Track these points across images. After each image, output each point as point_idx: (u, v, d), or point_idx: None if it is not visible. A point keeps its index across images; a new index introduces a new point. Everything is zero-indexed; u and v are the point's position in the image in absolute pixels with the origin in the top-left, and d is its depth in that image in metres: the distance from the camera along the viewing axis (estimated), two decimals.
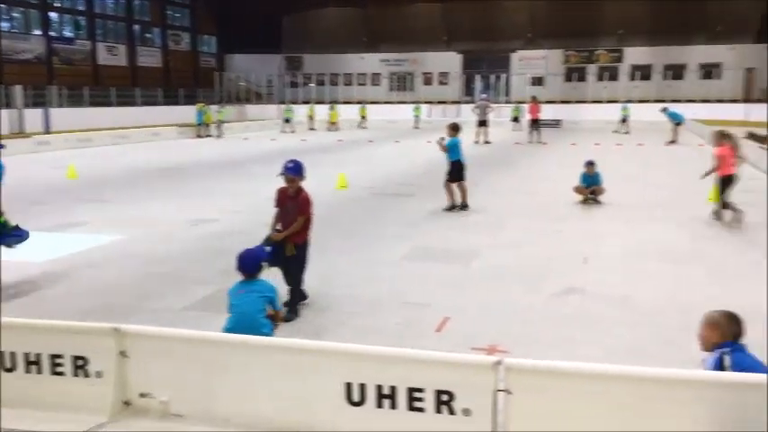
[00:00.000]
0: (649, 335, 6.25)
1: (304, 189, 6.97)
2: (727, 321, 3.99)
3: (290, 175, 6.86)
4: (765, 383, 3.53)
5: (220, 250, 9.39)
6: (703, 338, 4.08)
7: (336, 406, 4.02)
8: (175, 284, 7.97)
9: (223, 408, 4.29)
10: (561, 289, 7.67)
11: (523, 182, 16.84)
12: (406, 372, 3.92)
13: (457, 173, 12.64)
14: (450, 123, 13.10)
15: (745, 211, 11.29)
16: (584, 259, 9.02)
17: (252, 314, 4.99)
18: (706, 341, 4.06)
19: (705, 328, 4.08)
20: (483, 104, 30.07)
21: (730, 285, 7.77)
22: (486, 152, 24.69)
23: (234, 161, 22.42)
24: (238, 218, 12.08)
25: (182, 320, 6.56)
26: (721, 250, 9.55)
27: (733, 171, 11.66)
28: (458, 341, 6.12)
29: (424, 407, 3.85)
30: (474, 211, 12.56)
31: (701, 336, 4.10)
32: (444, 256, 9.32)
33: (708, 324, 4.05)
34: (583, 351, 5.85)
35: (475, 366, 3.87)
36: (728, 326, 3.98)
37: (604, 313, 6.86)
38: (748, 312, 5.11)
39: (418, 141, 29.14)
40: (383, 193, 15.05)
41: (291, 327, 6.40)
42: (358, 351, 4.20)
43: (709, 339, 4.04)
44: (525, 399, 3.71)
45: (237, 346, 4.33)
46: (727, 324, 3.98)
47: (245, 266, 5.26)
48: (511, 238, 10.46)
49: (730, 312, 4.05)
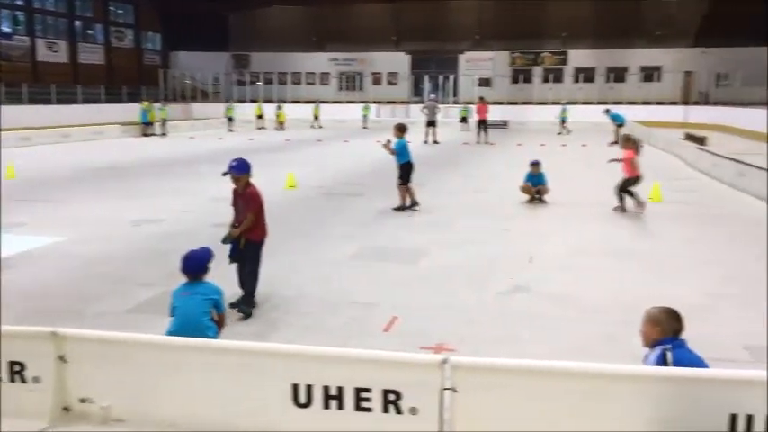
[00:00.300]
0: (593, 331, 6.39)
1: (253, 186, 6.93)
2: (667, 318, 4.10)
3: (234, 173, 6.83)
4: (707, 377, 3.65)
5: (165, 251, 9.23)
6: (644, 335, 4.18)
7: (283, 408, 3.98)
8: (118, 286, 7.79)
9: (166, 412, 4.21)
10: (508, 287, 7.78)
11: (471, 181, 17.01)
12: (353, 372, 3.91)
13: (408, 174, 12.65)
14: (397, 124, 12.99)
15: (647, 203, 12.60)
16: (530, 258, 9.16)
17: (196, 317, 4.90)
18: (647, 337, 4.16)
19: (646, 324, 4.17)
20: (431, 105, 30.26)
21: (670, 281, 8.00)
22: (435, 152, 24.86)
23: (179, 160, 22.04)
24: (184, 218, 11.88)
25: (124, 323, 6.42)
26: (661, 247, 9.83)
27: (638, 174, 12.55)
28: (406, 340, 6.14)
29: (371, 407, 3.85)
30: (422, 210, 12.63)
31: (643, 332, 4.20)
32: (393, 256, 9.35)
33: (649, 320, 4.15)
34: (528, 348, 5.94)
35: (421, 365, 3.89)
36: (669, 322, 4.08)
37: (549, 311, 6.98)
38: (687, 308, 5.27)
39: (367, 141, 29.16)
40: (332, 193, 15.01)
41: (237, 329, 6.32)
42: (305, 352, 4.17)
43: (650, 335, 4.13)
44: (471, 397, 3.75)
45: (181, 349, 4.25)
46: (668, 320, 4.08)
47: (189, 268, 5.17)
48: (458, 237, 10.56)
49: (670, 309, 4.16)
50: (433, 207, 13.00)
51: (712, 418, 3.51)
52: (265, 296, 7.18)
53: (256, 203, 6.83)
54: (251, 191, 6.87)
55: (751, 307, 7.06)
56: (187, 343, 4.30)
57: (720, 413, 3.50)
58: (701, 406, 3.54)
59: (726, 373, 3.90)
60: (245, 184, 6.86)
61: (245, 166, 6.88)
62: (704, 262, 8.98)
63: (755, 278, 8.14)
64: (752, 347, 5.94)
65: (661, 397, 3.61)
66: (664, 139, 26.37)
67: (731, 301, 7.30)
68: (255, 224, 6.83)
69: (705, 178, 17.43)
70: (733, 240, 10.31)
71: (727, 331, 6.32)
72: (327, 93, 50.16)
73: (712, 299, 7.34)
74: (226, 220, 11.43)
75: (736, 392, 3.54)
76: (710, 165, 17.85)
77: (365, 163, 20.54)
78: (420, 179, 13.27)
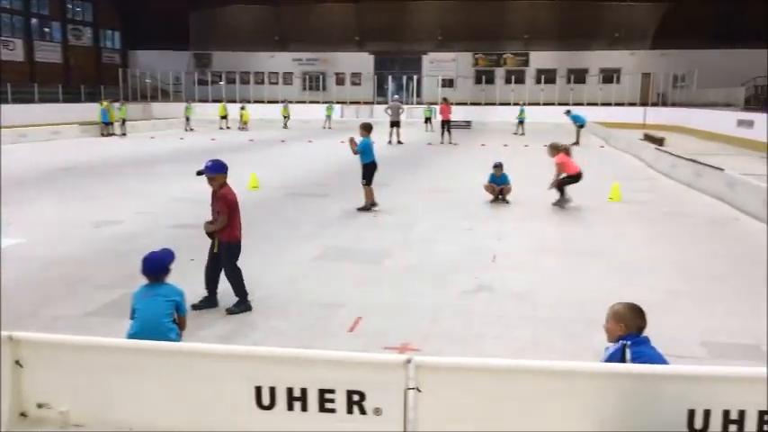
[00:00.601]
0: (555, 329, 6.47)
1: (228, 186, 6.91)
2: (631, 314, 4.15)
3: (209, 173, 6.82)
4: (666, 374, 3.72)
5: (124, 253, 9.08)
6: (609, 331, 4.24)
7: (246, 410, 3.95)
8: (76, 289, 7.63)
9: (126, 416, 4.14)
10: (471, 287, 7.83)
11: (435, 181, 17.07)
12: (316, 373, 3.89)
13: (372, 174, 12.65)
14: (363, 123, 12.99)
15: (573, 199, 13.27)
16: (494, 257, 9.24)
17: (157, 319, 4.83)
18: (611, 334, 4.21)
19: (610, 320, 4.22)
20: (395, 105, 30.30)
21: (630, 279, 8.14)
22: (399, 152, 24.90)
23: (139, 161, 21.69)
24: (144, 219, 11.70)
25: (83, 327, 6.30)
26: (621, 246, 9.98)
27: (578, 170, 13.30)
28: (370, 340, 6.14)
29: (335, 408, 3.84)
30: (386, 210, 12.64)
31: (607, 328, 4.25)
32: (357, 256, 9.34)
33: (613, 317, 4.20)
34: (492, 347, 5.99)
35: (385, 365, 3.88)
36: (632, 318, 4.14)
37: (512, 309, 7.04)
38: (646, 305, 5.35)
39: (331, 141, 29.07)
40: (296, 194, 14.93)
41: (201, 332, 6.25)
42: (268, 354, 4.14)
43: (614, 332, 4.19)
44: (435, 396, 3.76)
45: (141, 353, 4.18)
46: (632, 317, 4.14)
47: (149, 269, 5.08)
48: (422, 236, 10.59)
49: (634, 305, 4.21)
50: (397, 207, 13.01)
51: (671, 414, 3.57)
52: (231, 298, 7.10)
53: (225, 204, 6.77)
54: (223, 191, 6.83)
55: (708, 304, 7.22)
56: (147, 346, 4.23)
57: (679, 409, 3.56)
58: (660, 402, 3.60)
59: (684, 370, 3.98)
60: (220, 184, 6.83)
61: (218, 167, 6.84)
62: (663, 260, 9.15)
63: (713, 276, 8.34)
64: (708, 344, 6.07)
65: (622, 393, 3.66)
66: (624, 139, 26.82)
67: (689, 298, 7.45)
68: (227, 225, 6.79)
69: (664, 178, 17.77)
70: (691, 239, 10.53)
71: (684, 328, 6.45)
72: (291, 93, 49.87)
73: (671, 296, 7.49)
74: (186, 221, 11.40)
75: (693, 388, 3.61)
76: (669, 165, 18.21)
77: (329, 163, 20.47)
78: (384, 179, 13.28)
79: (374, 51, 52.62)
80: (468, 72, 50.57)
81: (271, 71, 52.13)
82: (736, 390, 3.61)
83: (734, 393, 3.58)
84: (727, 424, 3.55)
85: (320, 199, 14.19)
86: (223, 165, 6.90)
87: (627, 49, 47.77)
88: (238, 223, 6.95)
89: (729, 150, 26.29)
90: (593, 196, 14.41)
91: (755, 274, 8.41)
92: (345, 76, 51.14)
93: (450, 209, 12.97)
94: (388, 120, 29.77)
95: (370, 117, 38.44)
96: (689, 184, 15.95)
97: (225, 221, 6.77)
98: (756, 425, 3.52)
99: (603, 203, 13.69)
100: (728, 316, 6.83)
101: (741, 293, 7.61)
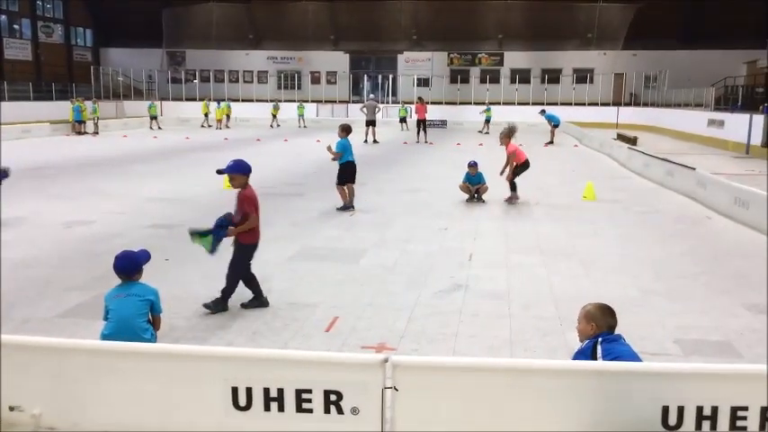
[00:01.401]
0: (530, 327, 6.50)
1: (249, 187, 6.85)
2: (602, 314, 4.20)
3: (228, 172, 6.81)
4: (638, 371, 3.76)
5: (97, 253, 8.96)
6: (581, 331, 4.28)
7: (222, 411, 3.91)
8: (48, 290, 7.51)
9: (100, 418, 4.08)
10: (447, 286, 7.85)
11: (410, 181, 17.09)
12: (293, 373, 3.87)
13: (349, 175, 12.63)
14: (342, 125, 12.98)
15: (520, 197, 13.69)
16: (469, 256, 9.27)
17: (131, 319, 4.76)
18: (583, 334, 4.25)
19: (581, 321, 4.27)
20: (371, 104, 30.31)
21: (603, 278, 8.23)
22: (375, 152, 24.90)
23: (112, 160, 21.43)
24: (116, 219, 11.55)
25: (55, 328, 6.21)
26: (595, 244, 10.08)
27: (526, 157, 13.84)
28: (347, 340, 6.13)
29: (312, 408, 3.82)
30: (362, 210, 12.62)
31: (579, 329, 4.30)
32: (333, 256, 9.31)
33: (584, 317, 4.25)
34: (468, 346, 6.01)
35: (362, 365, 3.87)
36: (603, 318, 4.19)
37: (488, 308, 7.07)
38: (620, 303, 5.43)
39: (307, 140, 29.00)
40: (271, 193, 14.82)
41: (176, 333, 6.18)
42: (244, 354, 4.11)
43: (585, 332, 4.23)
44: (412, 395, 3.76)
45: (115, 354, 4.12)
46: (602, 316, 4.19)
47: (122, 267, 5.00)
48: (398, 236, 10.59)
49: (604, 305, 4.26)
50: (372, 207, 13.01)
51: (646, 411, 3.61)
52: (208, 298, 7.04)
53: (252, 204, 6.73)
54: (245, 193, 6.77)
55: (681, 302, 7.31)
56: (120, 347, 4.17)
57: (654, 406, 3.60)
58: (635, 399, 3.64)
59: (658, 367, 4.03)
60: (241, 184, 6.78)
61: (238, 166, 6.80)
62: (636, 258, 9.26)
63: (685, 274, 8.45)
64: (681, 341, 6.15)
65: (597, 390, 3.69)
66: (597, 139, 27.09)
67: (662, 296, 7.54)
68: (249, 228, 6.75)
69: (637, 177, 17.99)
70: (664, 237, 10.67)
71: (658, 326, 6.53)
72: (266, 91, 49.63)
73: (644, 294, 7.57)
74: (160, 221, 11.29)
75: (667, 385, 3.65)
76: (642, 164, 18.43)
77: (305, 163, 20.40)
78: (360, 179, 13.25)
79: (349, 50, 52.54)
80: (444, 71, 50.72)
81: (245, 69, 51.79)
82: (708, 386, 3.66)
83: (707, 390, 3.63)
84: (700, 420, 3.59)
85: (296, 198, 14.13)
86: (244, 165, 6.84)
87: (599, 50, 48.27)
88: (258, 225, 6.91)
89: (700, 150, 26.70)
90: (567, 195, 14.55)
91: (726, 272, 8.54)
92: (321, 75, 51.02)
93: (426, 208, 12.99)
94: (363, 119, 29.78)
95: (346, 116, 38.44)
96: (661, 183, 16.16)
97: (256, 220, 6.72)
98: (729, 420, 3.57)
99: (578, 202, 13.82)
100: (700, 314, 6.92)
101: (713, 291, 7.73)
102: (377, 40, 51.13)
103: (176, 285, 7.60)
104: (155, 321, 5.00)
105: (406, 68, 51.15)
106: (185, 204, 13.20)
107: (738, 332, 6.38)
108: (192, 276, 8.12)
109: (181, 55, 53.76)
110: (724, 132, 27.99)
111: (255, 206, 6.77)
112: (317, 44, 51.81)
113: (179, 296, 7.21)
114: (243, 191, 6.79)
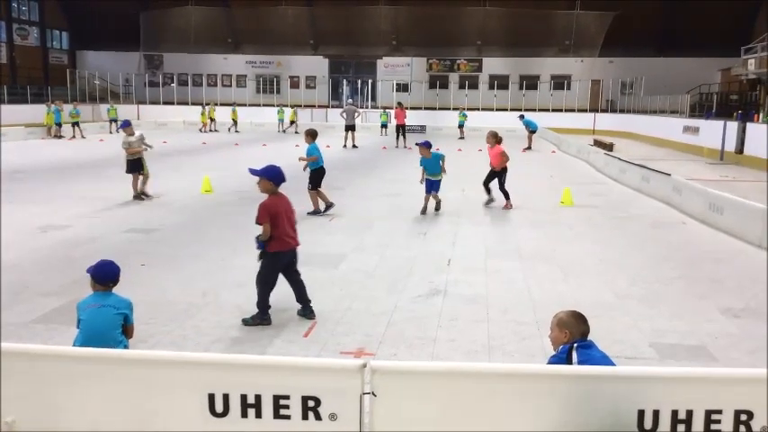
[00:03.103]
0: (507, 332, 6.53)
1: (272, 195, 6.78)
2: (574, 321, 4.22)
3: (255, 174, 6.87)
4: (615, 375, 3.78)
5: (72, 258, 8.86)
6: (554, 339, 4.29)
7: (199, 418, 3.87)
8: (22, 296, 7.40)
9: (76, 426, 4.01)
10: (425, 290, 7.86)
11: (390, 185, 17.10)
12: (271, 379, 3.84)
13: (320, 179, 12.67)
14: (307, 130, 13.08)
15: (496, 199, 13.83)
16: (448, 261, 9.29)
17: (106, 331, 4.65)
18: (557, 342, 4.27)
19: (554, 329, 4.28)
20: (350, 109, 30.31)
21: (580, 282, 8.29)
22: (354, 156, 24.90)
23: (89, 163, 21.20)
24: (93, 224, 11.43)
25: (29, 334, 6.14)
26: (572, 249, 10.16)
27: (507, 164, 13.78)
28: (326, 345, 6.12)
29: (290, 414, 3.80)
30: (340, 214, 12.61)
31: (552, 337, 4.31)
32: (311, 261, 9.26)
33: (556, 325, 4.26)
34: (446, 350, 6.02)
35: (340, 370, 3.85)
36: (576, 325, 4.21)
37: (466, 313, 7.09)
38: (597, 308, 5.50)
39: (286, 144, 28.90)
40: (249, 198, 14.72)
41: (152, 340, 6.12)
42: (221, 360, 4.08)
43: (559, 339, 4.24)
44: (390, 400, 3.75)
45: (90, 361, 4.06)
46: (575, 324, 4.21)
47: (98, 277, 4.89)
48: (377, 240, 10.59)
49: (576, 312, 4.29)
50: (351, 211, 13.00)
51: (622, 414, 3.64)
52: (185, 303, 6.99)
53: (258, 215, 6.65)
54: (263, 201, 6.73)
55: (656, 306, 7.39)
56: (95, 354, 4.11)
57: (630, 409, 3.63)
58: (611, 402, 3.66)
59: (634, 371, 4.05)
60: (267, 190, 6.78)
61: (263, 170, 6.86)
62: (613, 263, 9.34)
63: (661, 279, 8.54)
64: (657, 345, 6.22)
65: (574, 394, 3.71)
66: (574, 145, 27.33)
67: (638, 300, 7.61)
68: (272, 236, 6.64)
69: (614, 183, 18.16)
70: (640, 242, 10.78)
71: (634, 330, 6.59)
72: (244, 95, 49.41)
73: (620, 299, 7.64)
74: (137, 226, 11.19)
75: (643, 389, 3.68)
76: (618, 170, 18.62)
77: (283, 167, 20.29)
78: (339, 183, 13.27)
79: (329, 55, 52.49)
80: (423, 77, 50.86)
81: (224, 73, 51.52)
82: (683, 390, 3.69)
83: (682, 393, 3.66)
84: (675, 423, 3.62)
85: None
86: (273, 170, 6.87)
87: (577, 57, 48.73)
88: (283, 233, 6.70)
89: (676, 156, 27.03)
90: (545, 200, 14.65)
91: (702, 277, 8.65)
92: (300, 80, 50.90)
93: (405, 213, 13.00)
94: (343, 124, 29.75)
95: (325, 121, 38.40)
96: (638, 189, 16.33)
97: (269, 228, 6.58)
98: (703, 424, 3.60)
99: (555, 207, 13.92)
100: (676, 318, 7.00)
101: (688, 295, 7.82)
102: (356, 44, 51.14)
103: (153, 290, 7.54)
104: (128, 330, 4.88)
105: (386, 73, 51.21)
106: (162, 209, 13.10)
107: (713, 336, 6.46)
108: (168, 281, 8.05)
109: (158, 58, 53.33)
110: (699, 139, 28.38)
111: (270, 214, 6.61)
112: (296, 48, 51.66)
113: (155, 301, 7.15)
114: (266, 199, 6.75)
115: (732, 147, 24.96)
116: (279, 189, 6.88)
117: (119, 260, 5.13)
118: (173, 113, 44.17)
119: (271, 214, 6.62)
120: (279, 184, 6.88)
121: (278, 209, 6.70)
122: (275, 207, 6.71)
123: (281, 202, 6.79)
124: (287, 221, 6.74)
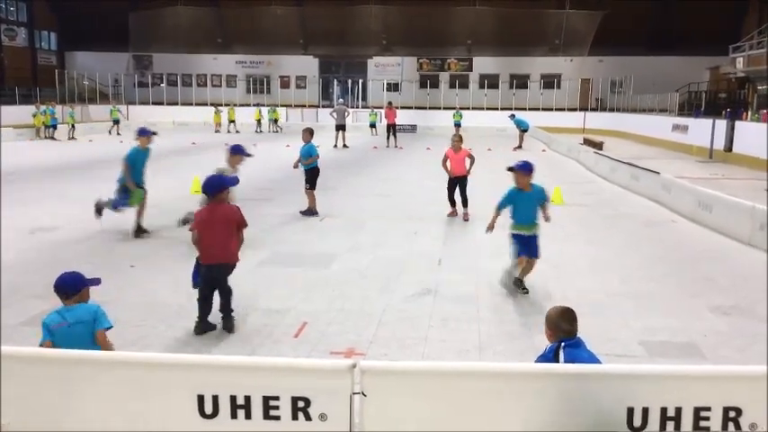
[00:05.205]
0: (498, 332, 6.54)
1: (219, 203, 6.69)
2: (562, 319, 4.25)
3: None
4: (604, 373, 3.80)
5: (61, 260, 8.78)
6: (548, 335, 4.33)
7: (188, 419, 3.86)
8: (11, 298, 7.35)
9: (69, 428, 4.00)
10: (416, 290, 7.86)
11: (380, 185, 17.10)
12: (260, 380, 3.83)
13: (316, 179, 12.63)
14: (307, 128, 13.00)
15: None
16: (439, 260, 9.30)
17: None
18: (550, 339, 4.31)
19: (547, 327, 4.33)
20: (341, 109, 30.27)
21: (571, 281, 8.31)
22: (345, 156, 24.87)
23: (78, 164, 21.09)
24: (81, 226, 11.35)
25: (19, 337, 6.10)
26: (563, 248, 10.16)
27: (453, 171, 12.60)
28: (316, 346, 6.11)
29: (279, 414, 3.79)
30: (332, 214, 12.60)
31: (546, 334, 4.35)
32: (302, 261, 9.27)
33: (548, 323, 4.30)
34: (437, 350, 6.02)
35: (330, 371, 3.85)
36: (566, 322, 4.24)
37: (457, 313, 7.09)
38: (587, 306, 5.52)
39: (276, 144, 28.84)
40: (240, 198, 14.65)
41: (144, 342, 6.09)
42: (210, 362, 4.07)
43: (549, 336, 4.29)
44: (380, 400, 3.75)
45: (80, 363, 4.05)
46: (565, 321, 4.24)
47: (58, 292, 4.68)
48: (368, 240, 10.59)
49: (564, 310, 4.31)
50: (342, 211, 12.99)
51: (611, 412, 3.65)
52: (175, 305, 6.96)
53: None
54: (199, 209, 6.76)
55: (646, 304, 7.42)
56: (88, 356, 4.10)
57: (619, 407, 3.64)
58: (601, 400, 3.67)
59: (623, 368, 4.08)
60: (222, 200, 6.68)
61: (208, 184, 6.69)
62: (603, 262, 9.37)
63: (650, 277, 8.57)
64: (647, 343, 6.24)
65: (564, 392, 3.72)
66: (565, 144, 27.40)
67: (628, 299, 7.64)
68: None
69: (603, 182, 18.21)
70: (630, 241, 10.81)
71: (624, 328, 6.62)
72: (234, 95, 49.25)
73: (610, 297, 7.67)
74: (125, 228, 11.10)
75: (632, 386, 3.70)
76: (608, 169, 18.68)
77: (274, 167, 20.27)
78: (330, 183, 13.25)
79: (319, 55, 52.41)
80: (413, 76, 50.85)
81: (214, 73, 51.35)
82: (672, 387, 3.71)
83: (671, 390, 3.68)
84: (664, 421, 3.64)
85: (265, 203, 14.03)
86: (209, 182, 6.73)
87: (566, 56, 48.86)
88: (207, 244, 6.54)
89: (665, 154, 27.15)
90: None
91: (691, 275, 8.69)
92: (290, 80, 50.80)
93: (396, 212, 13.00)
94: (333, 123, 29.71)
95: (315, 121, 38.32)
96: (627, 187, 16.39)
97: (194, 237, 6.51)
98: (692, 421, 3.62)
99: None
100: (666, 316, 7.03)
101: (677, 294, 7.86)
102: (347, 44, 51.05)
103: (143, 292, 7.50)
104: (98, 336, 4.59)
105: (376, 73, 51.20)
106: (151, 210, 13.02)
107: (702, 334, 6.50)
108: (158, 283, 8.01)
109: (148, 59, 53.08)
110: (688, 137, 28.51)
111: (198, 222, 6.54)
112: (286, 48, 51.53)
113: (145, 303, 7.12)
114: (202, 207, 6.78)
115: (721, 145, 25.10)
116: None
117: (108, 261, 5.12)
118: (162, 114, 43.92)
119: (198, 221, 6.52)
120: (207, 193, 6.67)
121: (204, 216, 6.53)
122: (200, 214, 6.66)
123: (218, 211, 6.55)
124: (219, 232, 6.47)
